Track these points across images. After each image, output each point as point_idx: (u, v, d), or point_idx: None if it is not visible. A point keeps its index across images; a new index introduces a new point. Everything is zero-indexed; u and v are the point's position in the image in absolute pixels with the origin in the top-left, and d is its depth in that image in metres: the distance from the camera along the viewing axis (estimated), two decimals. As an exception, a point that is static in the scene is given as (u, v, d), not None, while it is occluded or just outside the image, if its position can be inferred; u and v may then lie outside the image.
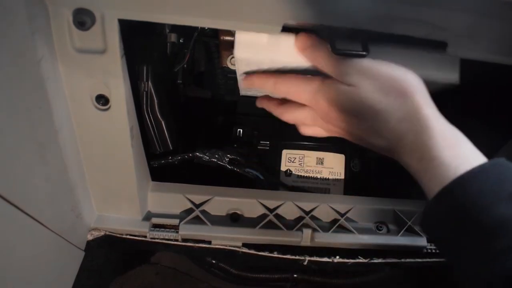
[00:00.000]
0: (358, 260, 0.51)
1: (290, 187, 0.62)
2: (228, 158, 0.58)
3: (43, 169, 0.35)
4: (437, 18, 0.34)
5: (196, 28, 0.49)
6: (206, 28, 0.49)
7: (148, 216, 0.49)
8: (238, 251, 0.50)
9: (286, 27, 0.36)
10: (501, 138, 0.52)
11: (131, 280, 0.74)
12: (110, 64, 0.35)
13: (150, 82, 0.47)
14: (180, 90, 0.57)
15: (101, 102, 0.37)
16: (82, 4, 0.31)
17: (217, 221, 0.49)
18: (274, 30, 0.35)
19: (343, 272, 0.75)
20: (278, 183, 0.62)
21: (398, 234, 0.51)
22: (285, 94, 0.41)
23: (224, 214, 0.50)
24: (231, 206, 0.51)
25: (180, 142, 0.56)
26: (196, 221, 0.49)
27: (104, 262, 0.58)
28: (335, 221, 0.51)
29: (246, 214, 0.51)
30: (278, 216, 0.50)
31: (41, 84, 0.32)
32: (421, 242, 0.50)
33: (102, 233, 0.47)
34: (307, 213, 0.51)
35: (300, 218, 0.51)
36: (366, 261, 0.51)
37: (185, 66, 0.54)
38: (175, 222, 0.48)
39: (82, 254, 0.46)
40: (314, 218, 0.51)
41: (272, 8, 0.32)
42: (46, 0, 0.31)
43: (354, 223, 0.52)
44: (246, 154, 0.60)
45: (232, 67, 0.48)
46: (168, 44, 0.51)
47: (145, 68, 0.46)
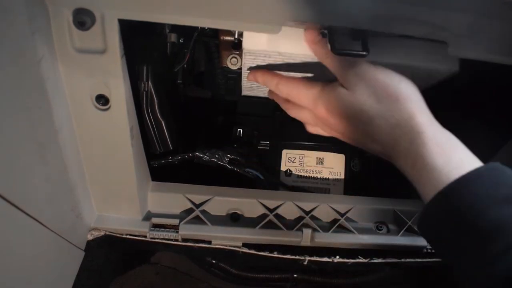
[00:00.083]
0: (358, 260, 0.51)
1: (290, 187, 0.62)
2: (228, 158, 0.58)
3: (43, 169, 0.35)
4: (437, 18, 0.34)
5: (196, 28, 0.49)
6: (206, 28, 0.49)
7: (148, 216, 0.49)
8: (238, 251, 0.50)
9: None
10: (501, 138, 0.52)
11: (131, 280, 0.74)
12: (110, 64, 0.35)
13: (150, 82, 0.47)
14: (180, 90, 0.57)
15: (101, 102, 0.37)
16: (82, 4, 0.31)
17: (217, 221, 0.49)
18: (274, 30, 0.35)
19: (343, 272, 0.75)
20: (278, 183, 0.62)
21: (398, 234, 0.51)
22: (286, 96, 0.42)
23: (224, 214, 0.50)
24: (231, 206, 0.51)
25: (180, 142, 0.56)
26: (196, 221, 0.49)
27: (104, 262, 0.58)
28: (335, 221, 0.51)
29: (246, 214, 0.51)
30: (278, 216, 0.50)
31: (41, 84, 0.32)
32: (421, 242, 0.50)
33: (102, 233, 0.47)
34: (307, 213, 0.51)
35: (300, 218, 0.51)
36: (366, 261, 0.51)
37: (185, 66, 0.53)
38: (175, 222, 0.48)
39: (82, 254, 0.46)
40: (314, 218, 0.51)
41: (272, 8, 0.32)
42: (46, 0, 0.31)
43: (354, 223, 0.52)
44: (246, 154, 0.60)
45: (232, 67, 0.48)
46: (168, 44, 0.51)
47: (145, 68, 0.46)
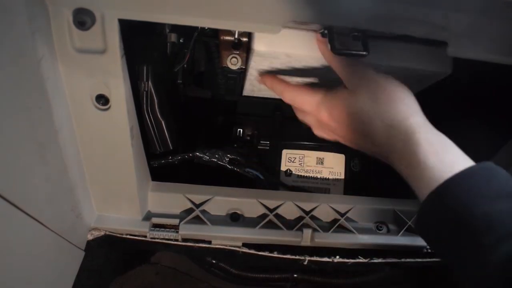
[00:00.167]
0: (358, 260, 0.51)
1: (290, 187, 0.62)
2: (228, 158, 0.58)
3: (43, 169, 0.35)
4: (437, 18, 0.34)
5: (196, 28, 0.49)
6: (206, 28, 0.49)
7: (148, 216, 0.49)
8: (238, 251, 0.50)
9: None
10: (501, 138, 0.52)
11: (131, 280, 0.74)
12: (110, 64, 0.35)
13: (150, 82, 0.47)
14: (180, 90, 0.57)
15: (101, 102, 0.37)
16: (82, 4, 0.31)
17: (217, 221, 0.49)
18: (274, 30, 0.35)
19: (343, 272, 0.75)
20: (278, 183, 0.62)
21: (398, 234, 0.51)
22: (291, 103, 0.44)
23: (224, 214, 0.50)
24: (231, 206, 0.51)
25: (180, 142, 0.56)
26: (196, 221, 0.49)
27: (104, 262, 0.58)
28: (335, 221, 0.51)
29: (246, 214, 0.51)
30: (278, 216, 0.50)
31: (41, 84, 0.32)
32: (421, 242, 0.50)
33: (102, 233, 0.47)
34: (307, 213, 0.51)
35: (300, 218, 0.51)
36: (366, 261, 0.51)
37: (185, 66, 0.53)
38: (175, 222, 0.48)
39: (82, 254, 0.46)
40: (314, 218, 0.51)
41: (272, 8, 0.32)
42: (46, 0, 0.31)
43: (354, 223, 0.52)
44: (246, 154, 0.60)
45: (232, 67, 0.48)
46: (168, 44, 0.51)
47: (145, 68, 0.46)
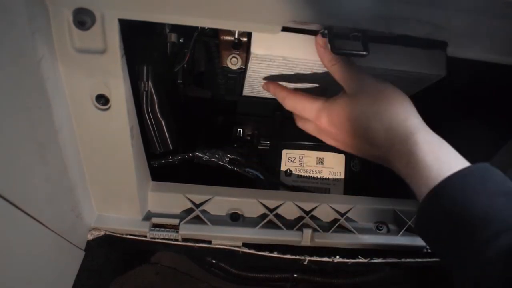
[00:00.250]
0: (358, 260, 0.51)
1: (290, 187, 0.62)
2: (228, 158, 0.58)
3: (43, 169, 0.35)
4: (437, 17, 0.34)
5: (196, 28, 0.49)
6: (206, 28, 0.49)
7: (148, 216, 0.49)
8: (238, 251, 0.50)
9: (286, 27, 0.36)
10: (501, 138, 0.52)
11: (131, 280, 0.74)
12: (110, 64, 0.35)
13: (150, 82, 0.47)
14: (180, 90, 0.57)
15: (101, 102, 0.37)
16: (82, 4, 0.31)
17: (217, 220, 0.49)
18: (274, 30, 0.35)
19: (343, 272, 0.75)
20: (278, 183, 0.62)
21: (398, 234, 0.51)
22: (291, 109, 0.44)
23: (224, 214, 0.50)
24: (231, 206, 0.51)
25: (180, 142, 0.56)
26: (196, 221, 0.49)
27: (104, 262, 0.58)
28: (335, 221, 0.51)
29: (246, 214, 0.51)
30: (278, 216, 0.50)
31: (41, 84, 0.32)
32: (421, 242, 0.50)
33: (102, 233, 0.47)
34: (307, 213, 0.51)
35: (300, 218, 0.51)
36: (366, 261, 0.51)
37: (185, 66, 0.53)
38: (175, 222, 0.48)
39: (82, 254, 0.46)
40: (314, 218, 0.51)
41: (272, 8, 0.32)
42: (46, 0, 0.31)
43: (354, 223, 0.52)
44: (246, 154, 0.60)
45: (232, 67, 0.48)
46: (168, 44, 0.51)
47: (145, 68, 0.46)
